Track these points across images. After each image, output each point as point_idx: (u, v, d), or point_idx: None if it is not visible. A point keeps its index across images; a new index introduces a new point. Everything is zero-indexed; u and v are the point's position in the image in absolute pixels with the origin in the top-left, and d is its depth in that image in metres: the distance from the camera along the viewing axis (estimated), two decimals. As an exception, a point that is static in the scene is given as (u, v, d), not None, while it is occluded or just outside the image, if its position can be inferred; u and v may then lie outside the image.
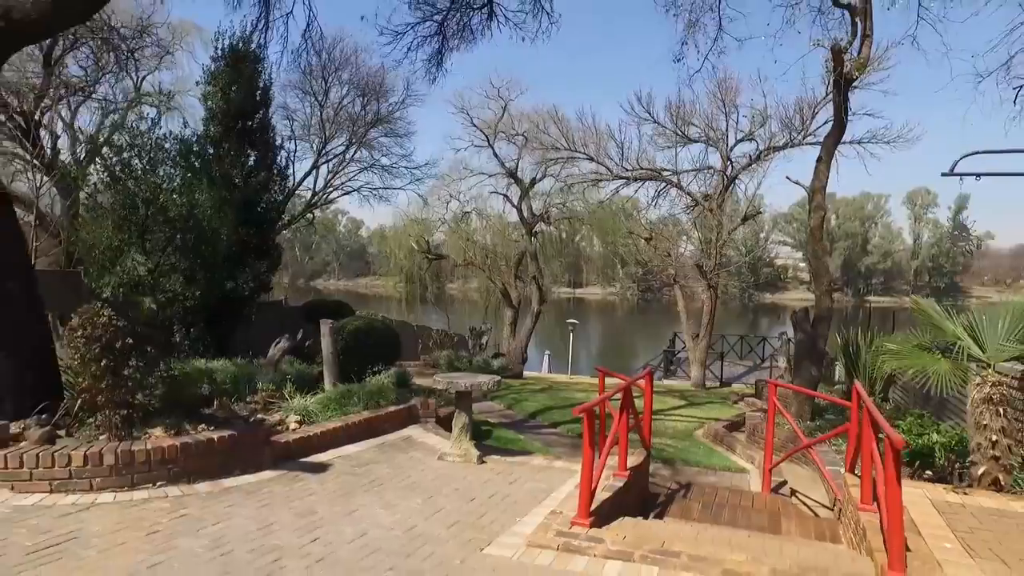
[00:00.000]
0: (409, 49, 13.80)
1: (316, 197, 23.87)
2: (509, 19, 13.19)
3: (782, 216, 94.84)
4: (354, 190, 25.14)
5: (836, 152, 10.72)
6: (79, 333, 4.78)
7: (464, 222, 32.64)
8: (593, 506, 4.35)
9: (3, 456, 4.55)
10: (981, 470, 5.58)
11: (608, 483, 4.99)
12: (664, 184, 21.81)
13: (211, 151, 15.73)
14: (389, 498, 4.94)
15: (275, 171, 17.16)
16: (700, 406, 13.72)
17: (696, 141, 21.96)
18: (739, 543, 4.17)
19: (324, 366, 8.10)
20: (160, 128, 14.21)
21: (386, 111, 23.65)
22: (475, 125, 28.24)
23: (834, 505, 6.01)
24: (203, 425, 5.63)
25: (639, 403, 6.35)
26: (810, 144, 18.38)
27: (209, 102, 16.18)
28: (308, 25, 13.60)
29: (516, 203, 29.08)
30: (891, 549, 3.62)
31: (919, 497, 5.08)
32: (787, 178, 14.12)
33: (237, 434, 5.39)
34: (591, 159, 22.24)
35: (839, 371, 12.63)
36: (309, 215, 24.32)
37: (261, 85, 16.81)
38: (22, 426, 5.11)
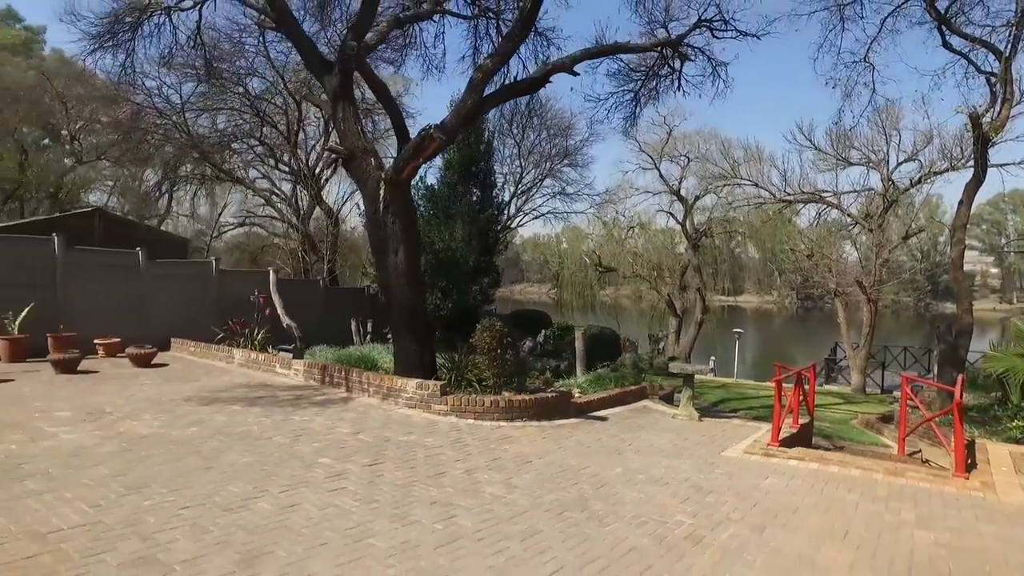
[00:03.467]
0: (608, 111, 17.49)
1: (510, 220, 28.38)
2: (690, 82, 16.40)
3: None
4: (542, 215, 29.41)
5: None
6: (486, 334, 8.88)
7: (629, 236, 36.02)
8: (780, 438, 7.65)
9: (451, 400, 8.71)
10: (1060, 440, 8.16)
11: (787, 430, 8.23)
12: (825, 206, 23.78)
13: (447, 191, 20.54)
14: (653, 433, 8.57)
15: (496, 207, 21.71)
16: (857, 404, 16.11)
17: (857, 164, 23.70)
18: (870, 459, 7.29)
19: (577, 359, 11.92)
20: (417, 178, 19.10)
21: (571, 147, 27.67)
22: (642, 150, 31.49)
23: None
24: (525, 392, 9.59)
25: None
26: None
27: (447, 154, 21.02)
28: (531, 98, 17.72)
29: (680, 220, 32.02)
30: (956, 461, 6.62)
31: (1003, 450, 7.84)
32: (932, 218, 15.97)
33: (558, 395, 9.28)
34: (755, 184, 24.74)
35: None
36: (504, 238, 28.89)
37: (485, 139, 21.41)
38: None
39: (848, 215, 23.67)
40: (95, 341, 12.88)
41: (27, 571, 3.50)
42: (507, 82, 14.54)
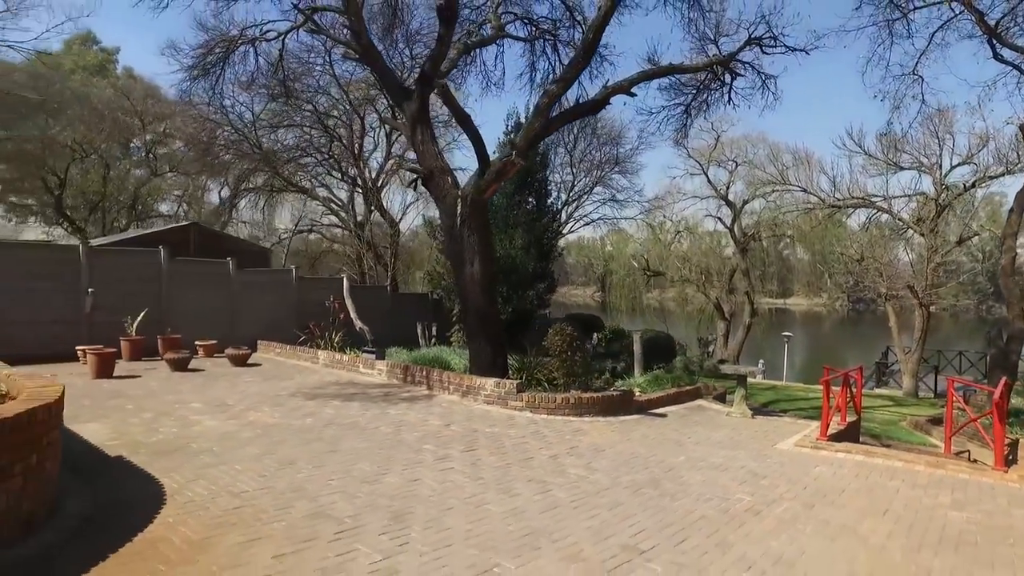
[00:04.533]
0: (660, 124, 18.24)
1: (561, 227, 29.35)
2: (740, 94, 16.99)
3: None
4: (592, 221, 30.31)
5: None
6: (557, 337, 9.84)
7: (676, 240, 36.63)
8: (828, 434, 8.38)
9: (526, 397, 9.68)
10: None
11: (835, 427, 8.94)
12: (875, 211, 23.98)
13: (505, 202, 21.53)
14: (709, 428, 9.38)
15: (550, 215, 22.65)
16: (907, 407, 16.49)
17: (908, 168, 23.83)
18: (913, 453, 7.97)
19: (634, 360, 12.77)
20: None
21: (621, 155, 28.50)
22: (691, 155, 32.05)
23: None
24: (591, 390, 10.49)
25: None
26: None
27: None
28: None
29: (729, 224, 32.47)
30: (996, 456, 7.27)
31: (1042, 448, 8.40)
32: (992, 220, 16.23)
33: (621, 394, 10.17)
34: (804, 190, 25.08)
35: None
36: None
37: (541, 150, 22.36)
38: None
39: (899, 219, 23.81)
40: (195, 342, 14.31)
41: (241, 516, 4.61)
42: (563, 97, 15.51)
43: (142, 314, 13.42)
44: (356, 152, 24.90)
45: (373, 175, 25.63)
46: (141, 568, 3.72)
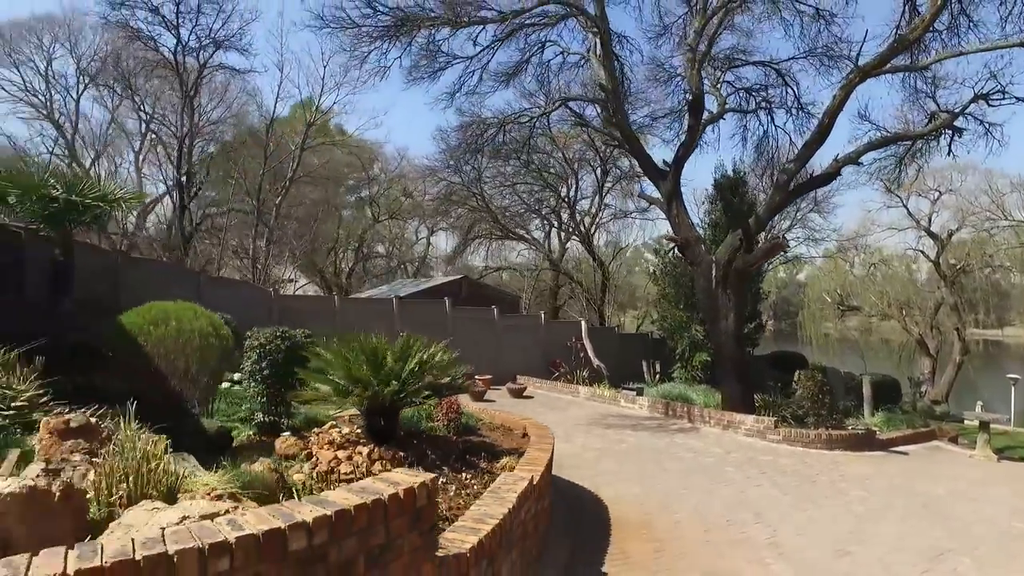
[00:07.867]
0: (871, 175, 19.42)
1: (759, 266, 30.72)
2: (961, 143, 17.64)
3: None
4: (786, 260, 31.23)
5: None
6: (809, 382, 11.82)
7: (871, 273, 36.12)
8: (1078, 478, 9.59)
9: (782, 431, 11.71)
10: None
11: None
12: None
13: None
14: (956, 467, 10.83)
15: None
16: None
17: None
18: None
19: (864, 402, 14.24)
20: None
21: (819, 195, 29.33)
22: (888, 188, 31.81)
23: None
24: (838, 428, 12.24)
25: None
26: None
27: (713, 215, 24.00)
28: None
29: (934, 257, 31.72)
30: None
31: None
32: None
33: (864, 432, 11.88)
34: (1027, 226, 24.37)
35: None
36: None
37: (748, 199, 24.07)
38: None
39: None
40: (475, 377, 17.82)
41: (648, 508, 7.27)
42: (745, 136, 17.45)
43: (442, 353, 17.11)
44: (572, 204, 28.22)
45: (585, 223, 28.83)
46: (635, 530, 6.45)
